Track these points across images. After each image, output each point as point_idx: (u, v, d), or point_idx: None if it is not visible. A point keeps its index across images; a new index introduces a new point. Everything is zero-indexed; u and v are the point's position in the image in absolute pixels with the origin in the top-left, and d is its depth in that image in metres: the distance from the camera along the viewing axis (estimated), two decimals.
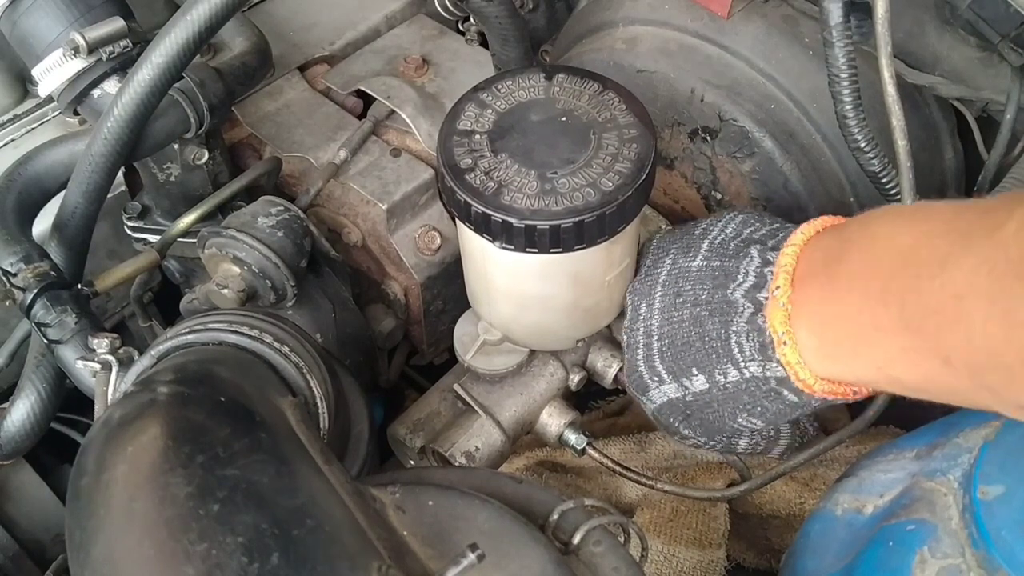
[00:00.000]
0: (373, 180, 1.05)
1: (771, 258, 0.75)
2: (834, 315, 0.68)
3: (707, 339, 0.77)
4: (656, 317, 0.81)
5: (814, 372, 0.70)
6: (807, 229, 0.74)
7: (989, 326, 0.54)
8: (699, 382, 0.78)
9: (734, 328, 0.75)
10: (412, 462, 0.93)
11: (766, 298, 0.73)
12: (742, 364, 0.75)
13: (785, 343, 0.70)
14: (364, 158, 1.07)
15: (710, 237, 0.81)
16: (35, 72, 0.90)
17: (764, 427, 0.80)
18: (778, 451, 0.88)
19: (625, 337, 0.83)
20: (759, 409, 0.77)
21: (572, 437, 0.92)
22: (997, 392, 0.57)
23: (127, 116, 0.83)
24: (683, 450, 1.10)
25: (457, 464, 0.88)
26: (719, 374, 0.77)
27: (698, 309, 0.78)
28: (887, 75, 0.79)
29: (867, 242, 0.66)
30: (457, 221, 0.78)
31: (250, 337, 0.69)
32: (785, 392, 0.73)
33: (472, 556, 0.51)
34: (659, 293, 0.81)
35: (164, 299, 1.12)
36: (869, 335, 0.64)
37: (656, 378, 0.81)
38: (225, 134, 1.07)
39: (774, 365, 0.72)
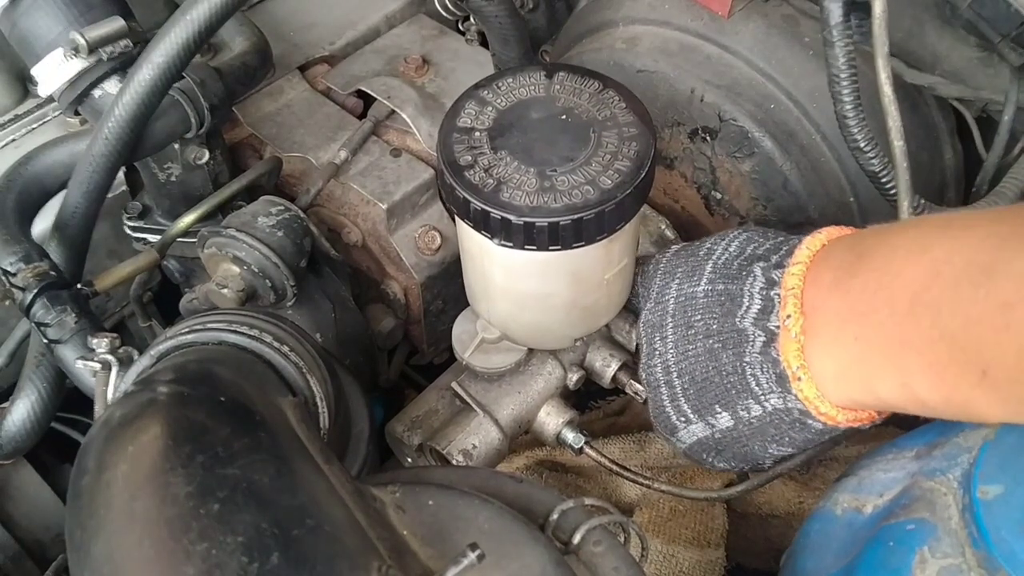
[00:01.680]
0: (373, 180, 1.05)
1: (776, 277, 0.72)
2: (854, 336, 0.65)
3: (724, 374, 0.75)
4: (671, 351, 0.79)
5: (834, 402, 0.69)
6: (811, 243, 0.72)
7: None
8: (724, 419, 0.76)
9: (747, 360, 0.73)
10: (410, 460, 0.93)
11: (777, 327, 0.71)
12: (762, 398, 0.73)
13: (800, 379, 0.69)
14: (364, 158, 1.07)
15: (713, 258, 0.79)
16: (35, 72, 0.90)
17: (795, 451, 0.78)
18: (804, 458, 0.85)
19: (644, 375, 0.81)
20: (787, 439, 0.75)
21: (570, 436, 0.92)
22: None
23: (128, 116, 0.83)
24: None
25: (454, 462, 0.88)
26: (742, 410, 0.75)
27: (711, 341, 0.76)
28: (883, 76, 0.79)
29: (887, 255, 0.64)
30: (456, 218, 0.78)
31: (250, 337, 0.69)
32: (810, 422, 0.72)
33: (472, 556, 0.51)
34: (670, 324, 0.79)
35: (164, 299, 1.13)
36: (894, 352, 0.62)
37: (683, 419, 0.79)
38: (225, 134, 1.07)
39: (793, 397, 0.70)
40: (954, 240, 0.60)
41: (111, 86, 0.90)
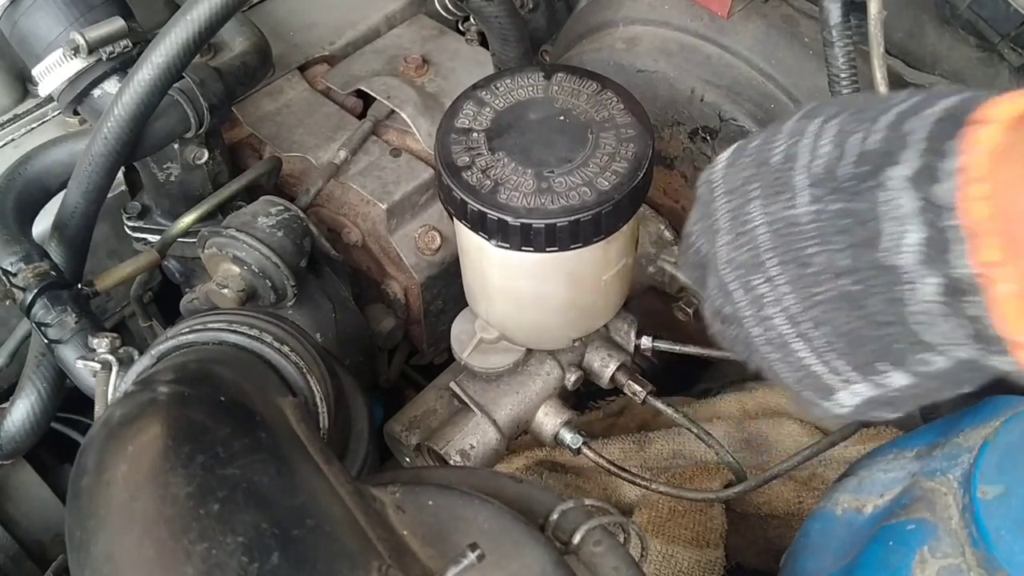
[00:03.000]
0: (373, 180, 1.05)
1: (938, 195, 0.49)
2: None
3: (877, 324, 0.55)
4: (791, 297, 0.58)
5: None
6: (988, 132, 0.48)
7: None
8: (898, 378, 0.57)
9: (914, 309, 0.53)
10: (408, 460, 0.93)
11: (965, 275, 0.50)
12: (945, 349, 0.54)
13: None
14: (364, 158, 1.07)
15: (800, 164, 0.57)
16: (35, 72, 0.90)
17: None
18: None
19: (755, 332, 0.60)
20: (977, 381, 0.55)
21: (568, 436, 0.92)
22: None
23: (127, 116, 0.83)
24: (682, 450, 1.10)
25: (452, 462, 0.88)
26: (920, 366, 0.56)
27: (842, 282, 0.56)
28: (879, 76, 0.79)
29: None
30: (454, 219, 0.78)
31: (250, 337, 0.70)
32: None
33: (472, 556, 0.51)
34: (773, 260, 0.58)
35: (164, 299, 1.13)
36: None
37: (843, 380, 0.59)
38: (225, 134, 1.07)
39: (1009, 360, 0.51)
40: None
41: (111, 86, 0.90)
